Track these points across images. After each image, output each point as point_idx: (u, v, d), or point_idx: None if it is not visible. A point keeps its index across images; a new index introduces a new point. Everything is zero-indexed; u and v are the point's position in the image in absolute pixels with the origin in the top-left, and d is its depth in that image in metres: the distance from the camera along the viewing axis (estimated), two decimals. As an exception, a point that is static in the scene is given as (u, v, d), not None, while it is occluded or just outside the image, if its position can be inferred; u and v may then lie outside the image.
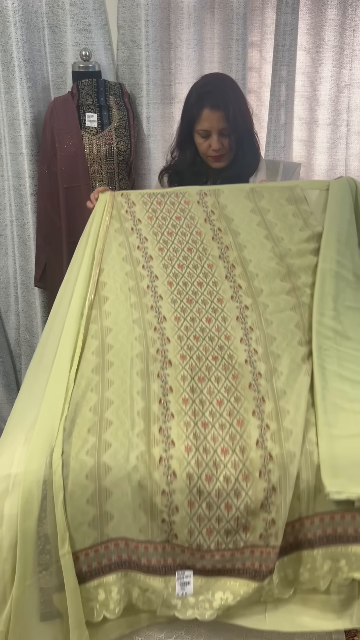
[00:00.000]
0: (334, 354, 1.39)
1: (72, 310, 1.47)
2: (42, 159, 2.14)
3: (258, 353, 1.37)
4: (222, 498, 1.17)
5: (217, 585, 1.20)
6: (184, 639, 1.30)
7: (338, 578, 1.18)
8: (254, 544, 1.18)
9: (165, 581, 1.19)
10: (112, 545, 1.20)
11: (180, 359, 1.37)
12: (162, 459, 1.19)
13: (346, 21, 2.06)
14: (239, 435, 1.22)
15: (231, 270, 1.54)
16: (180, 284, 1.52)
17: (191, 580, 1.19)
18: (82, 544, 1.18)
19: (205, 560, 1.19)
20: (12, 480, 1.20)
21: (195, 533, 1.18)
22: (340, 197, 1.62)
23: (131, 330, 1.42)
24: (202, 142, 1.76)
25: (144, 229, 1.62)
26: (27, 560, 1.17)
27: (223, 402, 1.28)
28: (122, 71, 2.21)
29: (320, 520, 1.19)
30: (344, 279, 1.52)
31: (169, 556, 1.20)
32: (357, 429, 1.22)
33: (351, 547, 1.18)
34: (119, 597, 1.19)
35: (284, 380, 1.31)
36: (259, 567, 1.17)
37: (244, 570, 1.19)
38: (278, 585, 1.20)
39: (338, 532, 1.18)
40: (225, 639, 1.29)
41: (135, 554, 1.19)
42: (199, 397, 1.30)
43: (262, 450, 1.19)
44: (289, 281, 1.52)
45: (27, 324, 2.43)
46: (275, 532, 1.16)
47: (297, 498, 1.19)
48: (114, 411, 1.27)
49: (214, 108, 1.69)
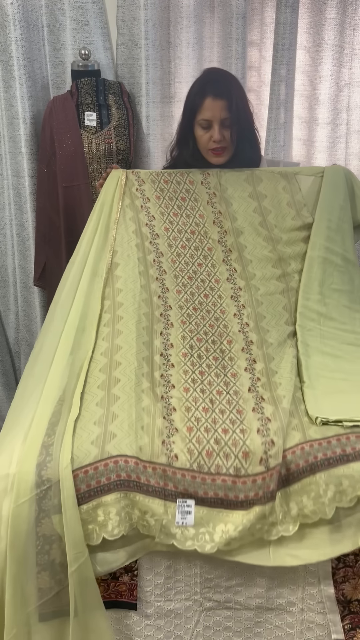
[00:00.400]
0: (317, 333, 1.59)
1: (86, 273, 1.63)
2: (42, 158, 2.14)
3: (249, 326, 1.57)
4: (219, 424, 1.29)
5: (219, 518, 1.22)
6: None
7: (343, 502, 1.20)
8: (254, 472, 1.22)
9: (165, 506, 1.21)
10: (111, 463, 1.21)
11: (181, 323, 1.57)
12: (163, 397, 1.36)
13: (346, 20, 2.06)
14: (233, 383, 1.41)
15: (228, 255, 1.71)
16: (182, 262, 1.69)
17: (192, 510, 1.21)
18: (82, 462, 1.21)
19: (206, 485, 1.21)
20: (11, 480, 1.19)
21: (195, 454, 1.24)
22: (334, 184, 1.76)
23: (139, 292, 1.60)
24: (202, 134, 1.72)
25: (152, 208, 1.75)
26: (21, 561, 1.16)
27: (218, 359, 1.49)
28: (121, 70, 2.20)
29: (318, 445, 1.25)
30: (332, 264, 1.70)
31: (170, 481, 1.22)
32: (337, 390, 1.41)
33: (352, 465, 1.22)
34: (118, 518, 1.19)
35: (273, 349, 1.51)
36: (261, 494, 1.20)
37: (246, 502, 1.21)
38: (282, 521, 1.21)
39: (337, 454, 1.23)
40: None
41: (135, 472, 1.21)
42: (197, 352, 1.50)
43: (254, 394, 1.37)
44: (279, 267, 1.71)
45: (27, 323, 2.43)
46: (275, 452, 1.22)
47: (292, 428, 1.29)
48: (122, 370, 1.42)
49: (217, 96, 1.67)
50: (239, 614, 1.30)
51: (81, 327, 1.52)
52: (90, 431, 1.28)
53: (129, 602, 1.27)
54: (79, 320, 1.53)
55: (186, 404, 1.36)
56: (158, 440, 1.27)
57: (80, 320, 1.53)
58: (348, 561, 1.25)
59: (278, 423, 1.28)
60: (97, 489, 1.20)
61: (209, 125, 1.70)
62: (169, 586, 1.27)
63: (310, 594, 1.27)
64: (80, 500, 1.18)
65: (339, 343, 1.59)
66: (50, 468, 1.19)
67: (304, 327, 1.60)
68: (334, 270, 1.71)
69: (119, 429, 1.28)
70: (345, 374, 1.48)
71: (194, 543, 1.20)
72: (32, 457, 1.21)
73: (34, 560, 1.17)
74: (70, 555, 1.16)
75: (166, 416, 1.33)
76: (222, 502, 1.22)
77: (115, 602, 1.27)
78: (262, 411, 1.32)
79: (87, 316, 1.55)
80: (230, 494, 1.22)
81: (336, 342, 1.59)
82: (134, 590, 1.27)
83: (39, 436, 1.27)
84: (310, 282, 1.68)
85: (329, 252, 1.71)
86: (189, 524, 1.20)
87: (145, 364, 1.44)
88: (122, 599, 1.27)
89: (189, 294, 1.64)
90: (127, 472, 1.21)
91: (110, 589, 1.27)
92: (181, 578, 1.28)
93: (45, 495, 1.18)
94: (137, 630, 1.29)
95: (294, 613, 1.29)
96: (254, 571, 1.27)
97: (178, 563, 1.26)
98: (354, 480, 1.20)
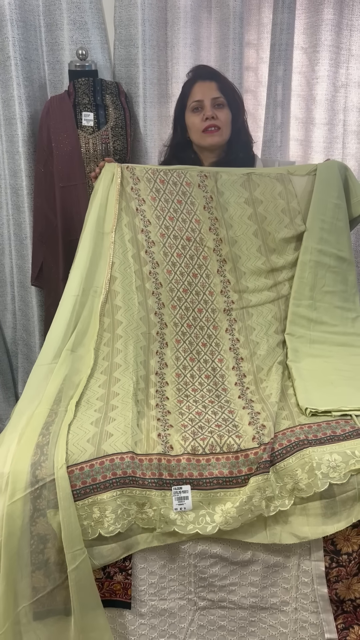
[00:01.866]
0: (307, 339, 1.65)
1: (85, 285, 1.65)
2: (39, 158, 2.14)
3: (240, 342, 1.65)
4: (212, 422, 1.35)
5: (217, 498, 1.24)
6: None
7: (336, 478, 1.22)
8: (247, 447, 1.26)
9: (162, 495, 1.23)
10: (107, 461, 1.23)
11: (175, 342, 1.64)
12: (158, 405, 1.43)
13: (343, 21, 2.06)
14: (224, 396, 1.49)
15: (222, 265, 1.73)
16: (177, 273, 1.71)
17: (189, 495, 1.23)
18: (78, 459, 1.22)
19: (201, 466, 1.25)
20: (5, 479, 1.20)
21: (189, 439, 1.28)
22: (327, 181, 1.75)
23: (137, 310, 1.64)
24: (195, 117, 1.77)
25: (148, 211, 1.74)
26: (14, 560, 1.17)
27: (210, 377, 1.57)
28: (118, 70, 2.20)
29: (308, 427, 1.31)
30: (324, 266, 1.72)
31: (165, 470, 1.24)
32: (326, 382, 1.48)
33: (343, 443, 1.26)
34: (114, 516, 1.20)
35: (262, 360, 1.59)
36: (256, 469, 1.24)
37: (241, 477, 1.25)
38: (278, 496, 1.23)
39: (327, 435, 1.28)
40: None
41: (131, 467, 1.22)
42: (189, 372, 1.59)
43: (244, 400, 1.45)
44: (271, 278, 1.74)
45: (24, 322, 2.43)
46: (267, 432, 1.28)
47: (282, 418, 1.36)
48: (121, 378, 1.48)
49: (206, 79, 1.76)
50: (233, 613, 1.31)
51: (78, 342, 1.57)
52: (86, 430, 1.29)
53: (124, 601, 1.27)
54: (75, 337, 1.58)
55: (180, 410, 1.42)
56: (154, 434, 1.29)
57: (77, 336, 1.58)
58: (341, 561, 1.26)
59: (267, 413, 1.35)
60: (93, 486, 1.21)
61: (200, 105, 1.75)
62: (163, 585, 1.28)
63: (303, 594, 1.28)
64: (75, 497, 1.19)
65: (329, 345, 1.64)
66: (44, 467, 1.20)
67: (293, 334, 1.66)
68: (326, 272, 1.73)
69: (115, 429, 1.29)
70: (335, 369, 1.54)
71: (195, 526, 1.22)
72: (26, 456, 1.22)
73: (28, 558, 1.18)
74: (69, 554, 1.17)
75: (161, 417, 1.38)
76: (218, 481, 1.24)
77: (109, 601, 1.27)
78: (252, 408, 1.39)
79: (87, 333, 1.60)
80: (225, 470, 1.24)
81: (326, 345, 1.65)
82: (128, 589, 1.27)
83: (34, 436, 1.28)
84: (302, 287, 1.71)
85: (322, 255, 1.72)
86: (188, 509, 1.22)
87: (142, 381, 1.51)
88: (116, 597, 1.27)
89: (183, 309, 1.68)
90: (123, 469, 1.22)
91: (104, 588, 1.27)
92: (175, 577, 1.28)
93: (40, 494, 1.18)
94: (132, 629, 1.29)
95: (287, 612, 1.30)
96: (248, 570, 1.27)
97: (172, 562, 1.27)
98: (346, 457, 1.23)
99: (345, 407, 1.35)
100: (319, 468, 1.22)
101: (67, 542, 1.17)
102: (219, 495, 1.24)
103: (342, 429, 1.29)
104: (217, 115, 1.75)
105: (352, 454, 1.24)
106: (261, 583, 1.28)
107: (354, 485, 1.22)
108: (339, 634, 1.29)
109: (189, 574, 1.28)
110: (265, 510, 1.22)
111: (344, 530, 1.24)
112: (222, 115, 1.75)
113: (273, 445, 1.26)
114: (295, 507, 1.24)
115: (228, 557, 1.26)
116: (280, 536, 1.24)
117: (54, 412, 1.35)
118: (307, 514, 1.24)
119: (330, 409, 1.35)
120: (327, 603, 1.27)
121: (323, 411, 1.35)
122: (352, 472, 1.22)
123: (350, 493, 1.23)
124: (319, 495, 1.22)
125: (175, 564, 1.27)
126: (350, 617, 1.29)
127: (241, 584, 1.28)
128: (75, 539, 1.17)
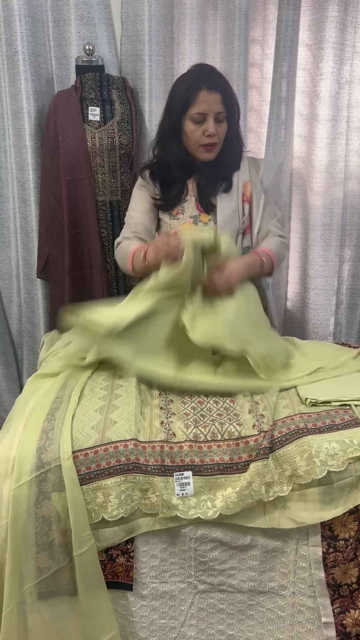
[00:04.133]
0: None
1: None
2: (45, 152, 2.17)
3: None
4: (214, 411, 1.38)
5: (218, 484, 1.28)
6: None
7: (334, 465, 1.25)
8: (248, 434, 1.30)
9: (165, 481, 1.26)
10: (111, 448, 1.26)
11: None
12: (160, 394, 1.46)
13: (347, 18, 2.08)
14: (232, 408, 1.42)
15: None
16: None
17: (191, 481, 1.26)
18: (82, 444, 1.26)
19: (202, 453, 1.28)
20: (11, 463, 1.23)
21: (191, 426, 1.32)
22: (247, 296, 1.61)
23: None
24: (195, 128, 1.67)
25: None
26: (20, 541, 1.20)
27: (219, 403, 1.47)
28: (125, 66, 2.23)
29: (308, 416, 1.34)
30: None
31: (167, 457, 1.28)
32: (323, 380, 1.52)
33: (341, 432, 1.29)
34: (117, 501, 1.23)
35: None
36: (256, 455, 1.28)
37: (242, 464, 1.28)
38: (277, 482, 1.27)
39: (327, 424, 1.32)
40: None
41: (134, 454, 1.26)
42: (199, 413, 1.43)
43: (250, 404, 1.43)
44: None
45: (29, 315, 2.46)
46: (267, 420, 1.33)
47: (283, 407, 1.39)
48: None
49: (212, 89, 1.64)
50: (232, 597, 1.34)
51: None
52: (90, 417, 1.33)
53: (125, 583, 1.31)
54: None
55: (183, 399, 1.46)
56: (157, 422, 1.32)
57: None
58: (338, 546, 1.29)
59: (265, 403, 1.39)
60: (97, 472, 1.24)
61: (202, 119, 1.65)
62: (164, 568, 1.31)
63: (301, 578, 1.31)
64: (80, 482, 1.22)
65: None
66: (50, 452, 1.23)
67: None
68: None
69: (119, 417, 1.33)
70: (337, 374, 1.57)
71: (196, 511, 1.26)
72: (32, 441, 1.25)
73: (33, 540, 1.21)
74: (76, 539, 1.20)
75: (164, 406, 1.41)
76: (219, 467, 1.28)
77: (112, 582, 1.31)
78: (252, 397, 1.44)
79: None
80: (225, 457, 1.28)
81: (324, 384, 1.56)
82: (130, 572, 1.30)
83: (39, 421, 1.31)
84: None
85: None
86: (189, 494, 1.26)
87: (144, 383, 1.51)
88: (118, 579, 1.31)
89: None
90: (127, 455, 1.25)
91: (107, 570, 1.30)
92: (176, 561, 1.31)
93: (45, 477, 1.22)
94: (133, 611, 1.32)
95: (285, 596, 1.33)
96: (247, 555, 1.30)
97: (173, 546, 1.30)
98: (345, 445, 1.27)
99: (344, 397, 1.38)
100: (318, 456, 1.25)
101: (75, 528, 1.20)
102: (220, 481, 1.27)
103: (342, 418, 1.32)
104: (217, 132, 1.68)
105: (350, 442, 1.27)
106: (260, 567, 1.31)
107: (351, 472, 1.25)
108: (335, 618, 1.32)
109: (189, 558, 1.31)
110: (264, 495, 1.25)
111: (341, 516, 1.27)
112: (220, 131, 1.70)
113: (272, 432, 1.29)
114: (293, 493, 1.27)
115: (228, 541, 1.29)
116: (279, 521, 1.27)
117: (59, 399, 1.38)
118: (305, 500, 1.27)
119: (330, 399, 1.38)
120: (324, 587, 1.30)
121: (323, 401, 1.38)
122: (350, 459, 1.25)
123: (348, 480, 1.26)
124: (317, 482, 1.25)
125: (176, 548, 1.30)
126: (346, 601, 1.32)
127: (240, 568, 1.32)
128: (82, 526, 1.21)
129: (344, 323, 2.41)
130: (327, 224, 2.22)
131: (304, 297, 2.34)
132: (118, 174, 2.16)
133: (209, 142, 1.69)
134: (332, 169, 2.19)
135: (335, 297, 2.33)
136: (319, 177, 2.19)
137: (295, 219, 2.33)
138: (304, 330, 2.36)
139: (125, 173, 2.17)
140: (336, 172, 2.19)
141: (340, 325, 2.41)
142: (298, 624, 1.33)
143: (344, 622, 1.32)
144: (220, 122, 1.69)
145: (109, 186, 2.15)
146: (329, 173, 2.19)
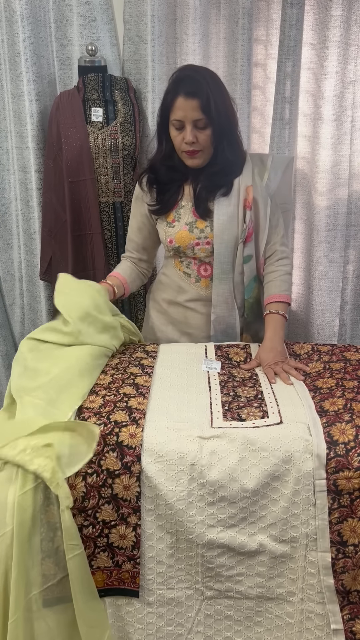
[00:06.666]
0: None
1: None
2: (48, 153, 2.16)
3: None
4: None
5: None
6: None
7: None
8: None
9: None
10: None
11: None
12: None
13: (351, 17, 2.06)
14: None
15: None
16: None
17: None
18: None
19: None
20: (16, 470, 1.22)
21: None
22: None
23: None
24: (176, 134, 1.64)
25: None
26: (26, 548, 1.19)
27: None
28: (127, 66, 2.22)
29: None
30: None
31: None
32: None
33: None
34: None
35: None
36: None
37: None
38: None
39: None
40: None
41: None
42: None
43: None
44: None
45: (32, 317, 2.45)
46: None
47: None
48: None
49: (188, 96, 1.58)
50: (239, 603, 1.32)
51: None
52: None
53: (132, 590, 1.29)
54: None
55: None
56: None
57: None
58: (347, 552, 1.27)
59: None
60: None
61: (181, 125, 1.62)
62: (170, 575, 1.29)
63: (309, 584, 1.29)
64: None
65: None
66: None
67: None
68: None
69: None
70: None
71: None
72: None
73: (39, 547, 1.20)
74: (67, 544, 1.20)
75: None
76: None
77: (118, 589, 1.29)
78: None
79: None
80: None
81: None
82: (136, 578, 1.29)
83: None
84: None
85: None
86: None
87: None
88: (124, 586, 1.29)
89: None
90: None
91: (112, 577, 1.29)
92: (183, 567, 1.30)
93: (50, 483, 1.20)
94: (139, 618, 1.31)
95: (293, 603, 1.31)
96: (254, 561, 1.29)
97: (180, 552, 1.28)
98: None
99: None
100: None
101: (66, 534, 1.20)
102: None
103: None
104: (199, 139, 1.62)
105: None
106: (268, 574, 1.29)
107: None
108: (345, 625, 1.30)
109: (196, 564, 1.29)
110: None
111: (351, 522, 1.25)
112: (203, 138, 1.63)
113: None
114: None
115: (235, 547, 1.27)
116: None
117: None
118: None
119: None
120: (333, 594, 1.28)
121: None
122: None
123: None
124: None
125: (183, 554, 1.28)
126: (356, 608, 1.30)
127: (248, 575, 1.30)
128: (72, 535, 1.20)
129: (349, 324, 2.39)
130: (332, 225, 2.21)
131: (309, 298, 2.32)
132: (121, 175, 2.14)
133: (187, 149, 1.65)
134: (336, 169, 2.18)
135: (340, 298, 2.31)
136: (323, 177, 2.18)
137: (300, 220, 2.31)
138: (308, 332, 2.34)
139: (129, 174, 2.16)
140: (340, 172, 2.17)
141: (345, 326, 2.39)
142: (307, 630, 1.31)
143: (353, 628, 1.30)
144: (202, 129, 1.62)
145: (112, 187, 2.14)
146: (333, 173, 2.17)
